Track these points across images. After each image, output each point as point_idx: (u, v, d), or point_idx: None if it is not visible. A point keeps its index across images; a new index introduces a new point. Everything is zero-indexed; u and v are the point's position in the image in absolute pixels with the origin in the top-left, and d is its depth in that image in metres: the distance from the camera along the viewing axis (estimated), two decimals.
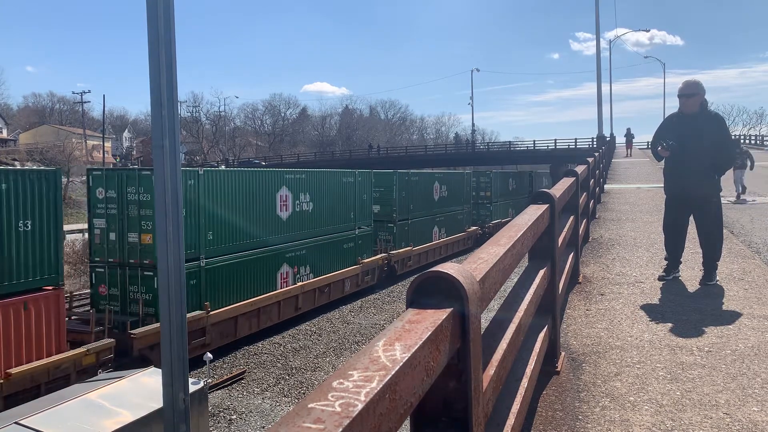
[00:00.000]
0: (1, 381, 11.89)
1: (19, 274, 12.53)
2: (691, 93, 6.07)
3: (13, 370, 12.04)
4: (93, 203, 16.42)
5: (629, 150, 38.89)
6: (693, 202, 6.25)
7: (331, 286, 22.58)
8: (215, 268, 17.19)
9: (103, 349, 14.06)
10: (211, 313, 16.68)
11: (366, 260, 24.75)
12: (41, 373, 12.76)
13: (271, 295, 19.00)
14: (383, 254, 26.51)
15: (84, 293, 20.93)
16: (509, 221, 3.22)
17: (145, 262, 15.80)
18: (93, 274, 16.74)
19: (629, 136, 39.34)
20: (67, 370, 13.37)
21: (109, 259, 16.24)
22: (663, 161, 6.66)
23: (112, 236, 16.27)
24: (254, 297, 18.33)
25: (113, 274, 16.29)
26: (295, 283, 20.38)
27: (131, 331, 14.80)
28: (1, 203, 12.11)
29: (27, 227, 12.72)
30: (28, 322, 12.56)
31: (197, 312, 16.20)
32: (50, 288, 13.19)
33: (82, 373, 13.51)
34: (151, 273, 15.31)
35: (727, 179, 9.70)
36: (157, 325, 13.95)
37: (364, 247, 24.91)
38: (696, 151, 6.07)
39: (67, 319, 14.30)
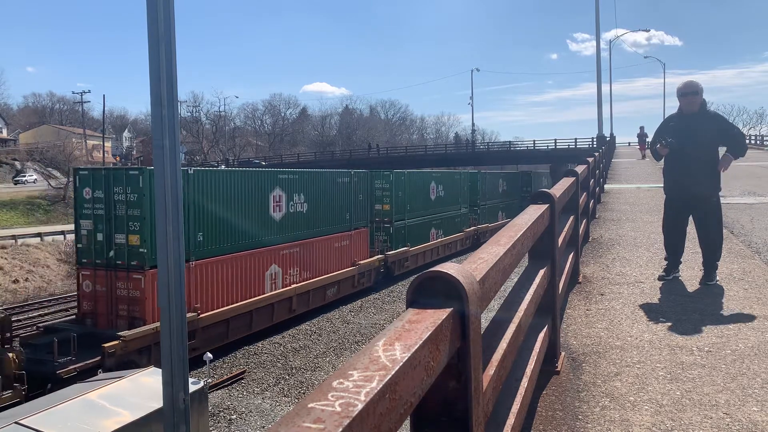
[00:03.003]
0: (356, 266, 25.09)
1: (358, 220, 25.78)
2: (695, 91, 6.08)
3: (360, 262, 25.42)
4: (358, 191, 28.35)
5: (644, 151, 33.31)
6: (693, 201, 6.24)
7: (451, 243, 35.54)
8: (410, 225, 30.64)
9: (381, 260, 27.44)
10: (411, 248, 30.06)
11: (466, 230, 38.00)
12: (367, 265, 25.97)
13: (428, 245, 32.46)
14: (474, 227, 39.03)
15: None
16: None
17: (385, 219, 28.92)
18: None
19: (643, 136, 33.85)
20: (371, 267, 26.46)
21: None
22: (663, 161, 6.66)
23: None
24: (422, 245, 31.58)
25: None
26: (437, 240, 33.66)
27: (387, 253, 27.95)
28: (353, 186, 25.30)
29: (360, 198, 25.84)
30: (360, 241, 25.87)
31: (405, 248, 29.50)
32: (364, 227, 26.43)
33: (377, 270, 27.06)
34: (388, 226, 28.90)
35: (726, 179, 9.68)
36: (394, 252, 28.48)
37: (464, 222, 38.36)
38: (696, 150, 6.08)
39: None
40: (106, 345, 14.54)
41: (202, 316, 16.70)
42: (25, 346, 15.00)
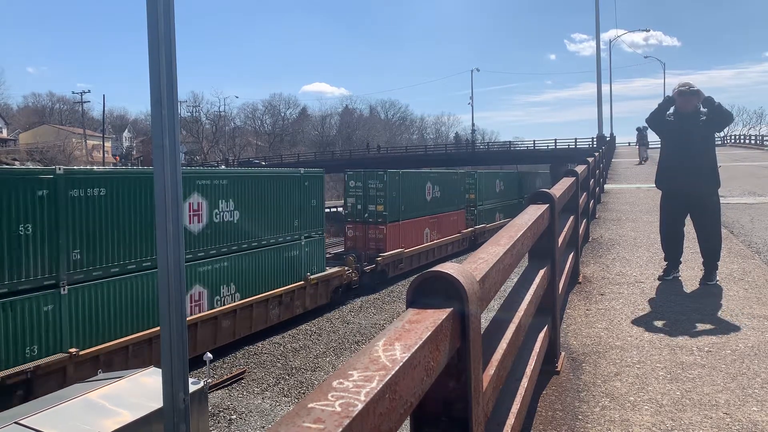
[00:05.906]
0: (460, 234, 37.44)
1: (460, 204, 37.49)
2: (695, 89, 6.08)
3: (462, 231, 37.72)
4: (467, 189, 40.37)
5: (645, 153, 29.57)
6: (691, 199, 6.21)
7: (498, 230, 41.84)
8: (485, 209, 41.92)
9: (472, 231, 38.58)
10: (487, 225, 40.46)
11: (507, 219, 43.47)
12: (465, 234, 37.48)
13: (495, 224, 41.21)
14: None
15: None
16: None
17: (471, 205, 39.73)
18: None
19: (643, 137, 29.78)
20: (467, 235, 37.67)
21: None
22: (661, 159, 6.63)
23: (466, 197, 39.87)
24: (492, 223, 41.33)
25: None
26: (500, 221, 42.46)
27: (475, 227, 38.97)
28: (458, 181, 38.58)
29: (461, 189, 38.18)
30: (461, 218, 37.78)
31: (484, 225, 40.51)
32: (462, 209, 37.98)
33: (470, 238, 38.03)
34: (473, 208, 40.05)
35: (728, 180, 9.68)
36: (479, 226, 40.00)
37: (506, 213, 46.56)
38: (694, 149, 6.07)
39: None
40: (378, 258, 28.08)
41: (405, 251, 30.31)
42: (339, 258, 27.69)
